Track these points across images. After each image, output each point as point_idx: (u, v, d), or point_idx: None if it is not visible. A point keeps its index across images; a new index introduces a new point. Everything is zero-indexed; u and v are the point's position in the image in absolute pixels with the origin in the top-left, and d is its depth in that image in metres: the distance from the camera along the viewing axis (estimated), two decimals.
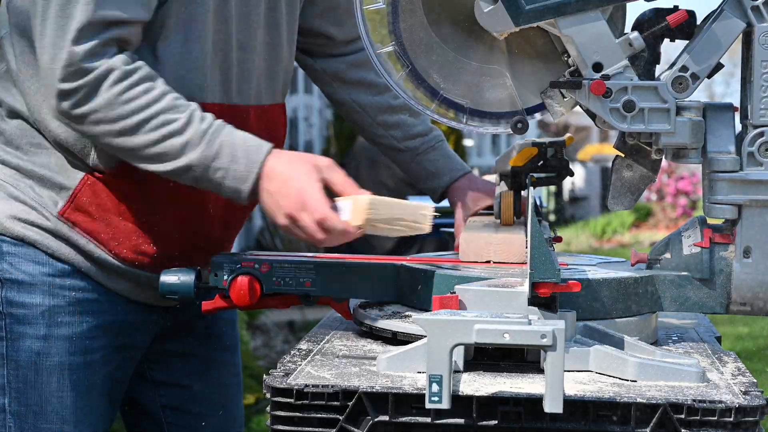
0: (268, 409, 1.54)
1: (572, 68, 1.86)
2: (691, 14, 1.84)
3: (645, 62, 1.83)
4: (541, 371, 1.59)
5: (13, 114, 2.01)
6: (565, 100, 1.89)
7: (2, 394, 1.99)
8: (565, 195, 19.34)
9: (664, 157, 1.86)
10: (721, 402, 1.48)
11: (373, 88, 2.29)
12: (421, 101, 1.96)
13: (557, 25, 1.81)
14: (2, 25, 2.01)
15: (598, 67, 1.81)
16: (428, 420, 1.49)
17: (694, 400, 1.48)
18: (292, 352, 1.73)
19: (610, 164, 1.95)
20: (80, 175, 1.98)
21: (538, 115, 1.97)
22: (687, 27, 1.84)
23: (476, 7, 1.83)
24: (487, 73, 1.95)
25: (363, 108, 2.31)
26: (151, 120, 1.84)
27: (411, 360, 1.59)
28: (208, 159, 1.84)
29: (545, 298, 1.60)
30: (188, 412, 2.23)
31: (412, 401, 1.50)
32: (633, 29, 1.83)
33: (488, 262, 1.92)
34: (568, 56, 1.85)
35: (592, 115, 1.84)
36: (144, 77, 1.85)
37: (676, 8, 1.84)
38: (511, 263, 1.91)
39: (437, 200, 2.32)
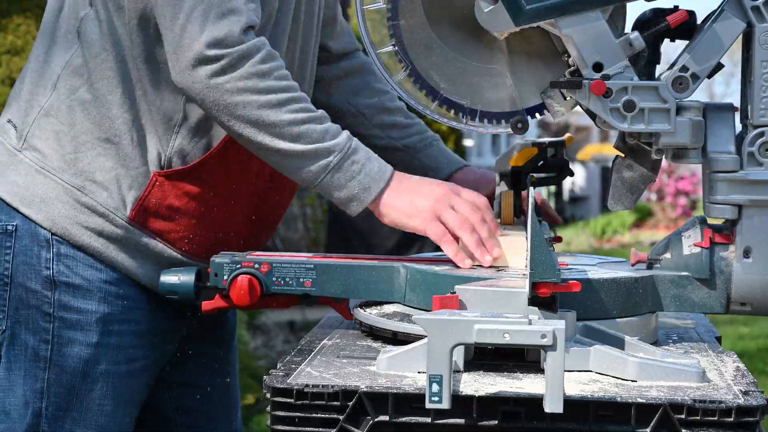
0: (268, 409, 1.54)
1: (572, 68, 1.86)
2: (691, 14, 1.84)
3: (645, 62, 1.83)
4: (541, 371, 1.59)
5: (85, 106, 1.97)
6: (565, 100, 1.89)
7: (40, 398, 1.96)
8: (565, 195, 19.35)
9: (664, 157, 1.86)
10: (721, 402, 1.47)
11: (368, 92, 2.30)
12: (421, 101, 1.97)
13: (557, 25, 1.81)
14: (82, 5, 1.97)
15: (598, 67, 1.81)
16: (428, 420, 1.49)
17: (694, 401, 1.47)
18: (292, 352, 1.73)
19: (610, 164, 1.95)
20: (148, 176, 1.97)
21: (537, 115, 1.97)
22: (687, 27, 1.84)
23: (476, 7, 1.83)
24: (487, 73, 1.95)
25: (359, 111, 2.31)
26: (295, 102, 1.88)
27: (411, 360, 1.59)
28: (347, 149, 1.87)
29: (545, 298, 1.60)
30: (199, 413, 2.23)
31: (413, 401, 1.49)
32: (633, 29, 1.83)
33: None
34: (569, 56, 1.85)
35: (593, 115, 1.84)
36: (282, 64, 1.91)
37: (676, 8, 1.84)
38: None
39: None
